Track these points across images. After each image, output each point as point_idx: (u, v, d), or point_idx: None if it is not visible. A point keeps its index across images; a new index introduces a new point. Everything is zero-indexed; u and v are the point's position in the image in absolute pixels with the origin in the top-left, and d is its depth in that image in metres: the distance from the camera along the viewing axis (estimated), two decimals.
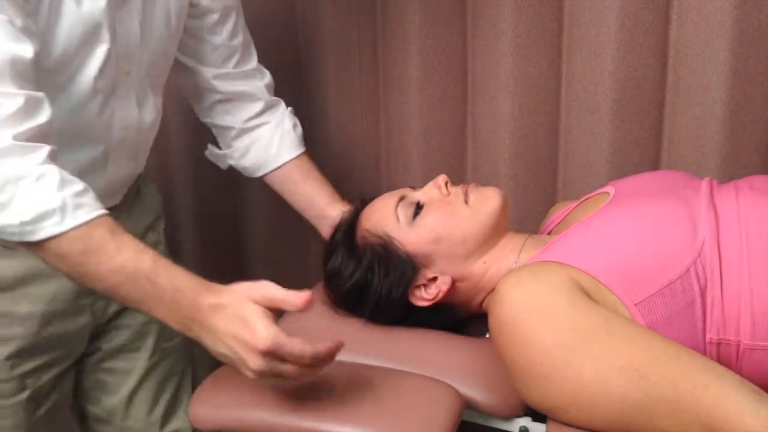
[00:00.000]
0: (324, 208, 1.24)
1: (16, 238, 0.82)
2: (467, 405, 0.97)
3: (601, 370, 0.84)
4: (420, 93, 1.46)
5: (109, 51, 0.95)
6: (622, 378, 0.83)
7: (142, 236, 1.16)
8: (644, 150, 1.37)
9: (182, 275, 0.85)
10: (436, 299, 1.07)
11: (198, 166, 1.65)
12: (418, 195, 1.11)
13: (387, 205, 1.11)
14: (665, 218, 0.95)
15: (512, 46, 1.37)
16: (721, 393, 0.79)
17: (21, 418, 1.08)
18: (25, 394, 1.07)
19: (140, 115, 1.06)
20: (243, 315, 0.82)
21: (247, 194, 1.65)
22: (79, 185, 0.83)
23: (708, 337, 0.89)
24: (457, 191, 1.10)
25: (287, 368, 0.83)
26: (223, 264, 1.71)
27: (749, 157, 1.32)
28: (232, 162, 1.29)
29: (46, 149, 0.83)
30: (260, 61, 1.27)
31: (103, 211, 0.84)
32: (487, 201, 1.08)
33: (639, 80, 1.33)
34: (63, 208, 0.81)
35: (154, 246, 1.14)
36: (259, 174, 1.28)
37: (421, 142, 1.49)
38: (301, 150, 1.28)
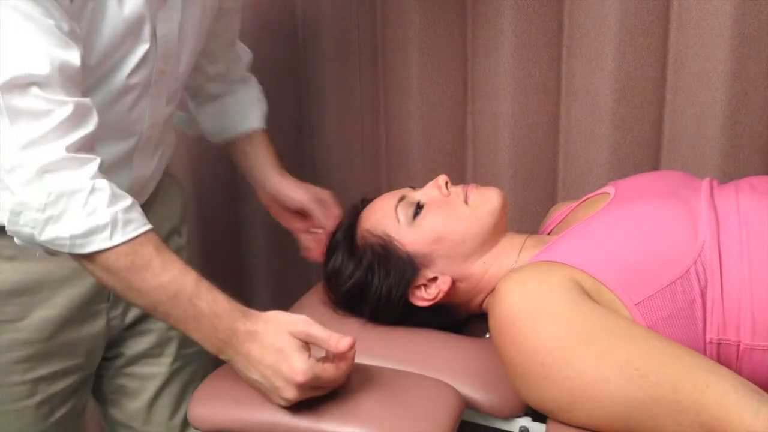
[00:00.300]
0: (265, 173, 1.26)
1: (66, 250, 0.83)
2: (467, 405, 0.97)
3: (602, 370, 0.84)
4: (420, 93, 1.46)
5: (148, 51, 0.95)
6: (623, 378, 0.83)
7: (165, 239, 1.16)
8: (644, 150, 1.37)
9: (222, 300, 0.87)
10: (436, 299, 1.07)
11: (198, 172, 1.65)
12: (418, 195, 1.11)
13: (387, 205, 1.11)
14: (665, 218, 0.95)
15: (512, 46, 1.37)
16: (722, 393, 0.79)
17: (29, 422, 1.07)
18: (35, 399, 1.06)
19: (168, 112, 1.06)
20: (280, 346, 0.85)
21: (246, 192, 1.65)
22: (127, 200, 0.85)
23: (708, 337, 0.89)
24: (457, 191, 1.10)
25: (319, 391, 0.88)
26: (224, 266, 1.71)
27: (749, 157, 1.32)
28: (199, 127, 1.29)
29: (96, 162, 0.85)
30: (260, 61, 1.27)
31: (150, 227, 0.86)
32: (487, 201, 1.08)
33: (639, 80, 1.33)
34: (113, 224, 0.83)
35: (178, 251, 1.14)
36: (217, 141, 1.28)
37: (421, 142, 1.49)
38: (262, 125, 1.28)
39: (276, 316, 0.89)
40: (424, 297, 1.07)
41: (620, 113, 1.35)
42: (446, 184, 1.11)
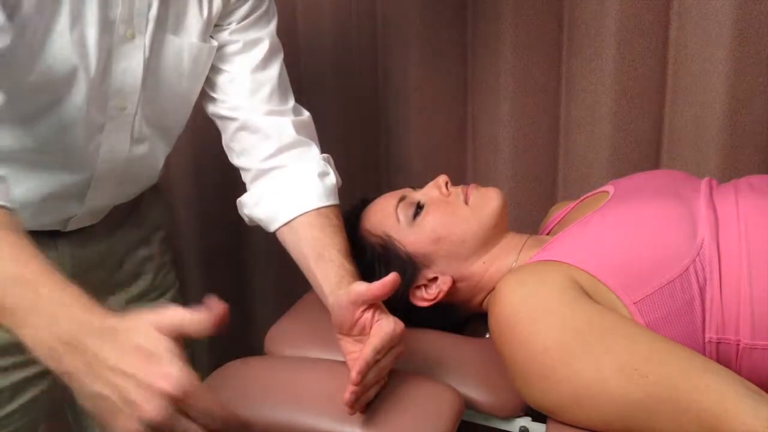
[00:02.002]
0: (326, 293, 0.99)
1: None
2: (467, 405, 0.97)
3: (601, 369, 0.84)
4: (420, 93, 1.46)
5: (96, 83, 0.91)
6: (622, 378, 0.83)
7: (126, 253, 1.13)
8: (644, 150, 1.37)
9: (76, 291, 0.68)
10: (437, 299, 1.07)
11: (199, 173, 1.65)
12: (419, 195, 1.11)
13: (387, 205, 1.11)
14: (664, 217, 0.95)
15: (512, 46, 1.37)
16: (721, 393, 0.79)
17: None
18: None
19: (132, 150, 1.00)
20: (147, 347, 0.64)
21: None
22: None
23: (707, 336, 0.89)
24: (457, 191, 1.10)
25: (189, 428, 0.64)
26: (225, 268, 1.71)
27: (749, 157, 1.32)
28: (246, 212, 1.12)
29: None
30: None
31: (5, 204, 0.74)
32: (487, 201, 1.08)
33: (639, 80, 1.33)
34: None
35: (144, 261, 1.11)
36: (272, 229, 1.08)
37: (422, 142, 1.49)
38: (322, 203, 1.06)
39: (136, 313, 0.67)
40: (424, 297, 1.08)
41: (620, 113, 1.35)
42: (446, 184, 1.11)
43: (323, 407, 0.91)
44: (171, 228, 1.28)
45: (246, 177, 1.11)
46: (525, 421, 0.98)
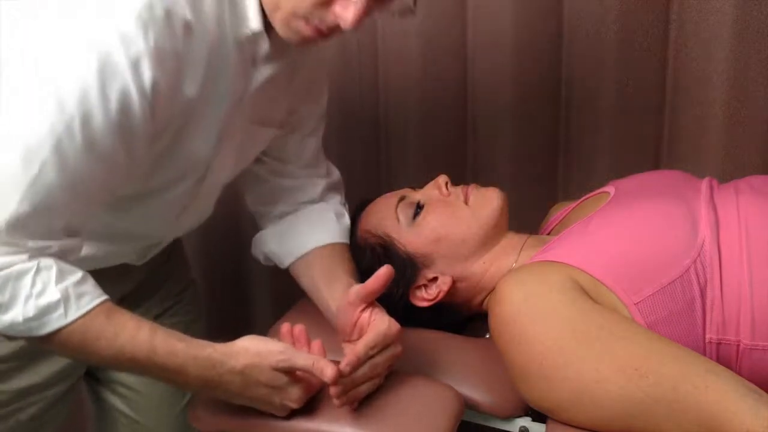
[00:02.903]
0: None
1: (24, 335, 0.80)
2: (467, 405, 0.97)
3: (601, 370, 0.84)
4: (420, 93, 1.46)
5: (200, 181, 0.95)
6: (622, 378, 0.83)
7: (162, 312, 1.15)
8: (644, 150, 1.37)
9: (180, 347, 0.84)
10: (437, 299, 1.07)
11: None
12: (419, 195, 1.11)
13: (387, 205, 1.11)
14: (665, 218, 0.95)
15: (512, 46, 1.37)
16: (721, 393, 0.79)
17: None
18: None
19: (208, 212, 1.06)
20: (269, 383, 0.86)
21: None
22: (77, 274, 0.81)
23: (708, 337, 0.89)
24: (457, 191, 1.10)
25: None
26: (224, 267, 1.71)
27: (749, 157, 1.32)
28: (265, 249, 1.16)
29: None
30: None
31: (104, 297, 0.83)
32: (487, 201, 1.08)
33: (639, 80, 1.33)
34: (66, 300, 0.79)
35: (177, 321, 1.14)
36: (287, 262, 1.13)
37: (422, 142, 1.49)
38: (335, 240, 1.11)
39: (252, 348, 0.86)
40: (424, 297, 1.07)
41: (620, 113, 1.35)
42: (446, 184, 1.11)
43: (323, 407, 0.91)
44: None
45: (264, 219, 1.16)
46: (525, 421, 0.98)
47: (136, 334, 0.82)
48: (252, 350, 0.86)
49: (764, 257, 0.89)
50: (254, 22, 0.85)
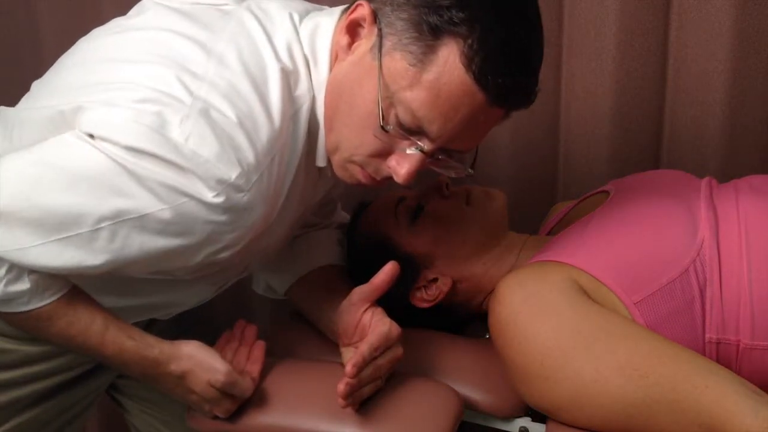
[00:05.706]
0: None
1: None
2: (467, 405, 0.97)
3: (601, 370, 0.84)
4: None
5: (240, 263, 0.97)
6: (622, 378, 0.83)
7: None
8: (644, 150, 1.37)
9: (129, 347, 0.89)
10: (437, 300, 1.07)
11: None
12: (419, 196, 1.11)
13: (387, 206, 1.11)
14: (665, 217, 0.95)
15: None
16: (721, 393, 0.79)
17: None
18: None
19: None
20: (202, 393, 0.90)
21: None
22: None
23: (707, 336, 0.89)
24: (457, 192, 1.10)
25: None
26: None
27: (749, 157, 1.32)
28: (268, 282, 1.17)
29: None
30: None
31: (68, 289, 0.86)
32: (487, 202, 1.08)
33: (639, 80, 1.33)
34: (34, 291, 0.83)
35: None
36: (287, 286, 1.14)
37: None
38: (336, 262, 1.14)
39: (197, 357, 0.90)
40: (424, 298, 1.07)
41: (620, 113, 1.35)
42: (446, 185, 1.11)
43: (322, 407, 0.91)
44: None
45: None
46: (525, 421, 0.98)
47: (89, 326, 0.87)
48: (196, 359, 0.90)
49: (764, 257, 0.89)
50: (321, 161, 0.89)
